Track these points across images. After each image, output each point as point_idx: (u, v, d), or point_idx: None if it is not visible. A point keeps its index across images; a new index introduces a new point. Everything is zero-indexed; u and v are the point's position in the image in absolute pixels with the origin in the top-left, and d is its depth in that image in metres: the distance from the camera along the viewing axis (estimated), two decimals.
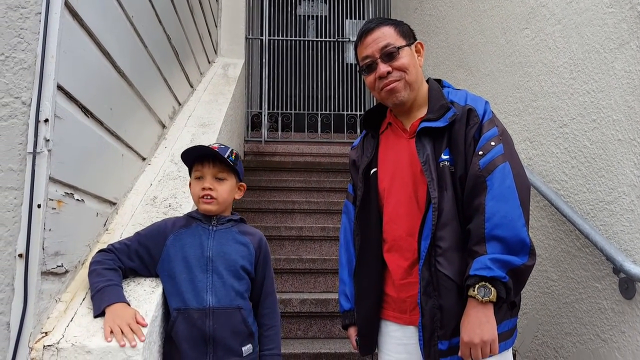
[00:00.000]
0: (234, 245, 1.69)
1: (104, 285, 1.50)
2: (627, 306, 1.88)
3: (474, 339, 1.37)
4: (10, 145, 1.39)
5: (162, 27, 2.64)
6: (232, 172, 1.72)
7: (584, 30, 2.20)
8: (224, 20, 5.10)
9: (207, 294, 1.60)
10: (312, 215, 4.19)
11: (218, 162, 1.68)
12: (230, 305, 1.61)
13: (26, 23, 1.42)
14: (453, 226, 1.49)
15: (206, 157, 1.68)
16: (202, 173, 1.69)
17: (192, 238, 1.67)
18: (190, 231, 1.68)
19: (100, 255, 1.61)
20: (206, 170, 1.68)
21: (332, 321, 3.01)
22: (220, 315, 1.59)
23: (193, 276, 1.61)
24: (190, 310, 1.58)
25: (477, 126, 1.53)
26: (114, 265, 1.58)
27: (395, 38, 1.61)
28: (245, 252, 1.70)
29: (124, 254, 1.64)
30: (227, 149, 1.70)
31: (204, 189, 1.67)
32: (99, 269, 1.55)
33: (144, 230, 1.72)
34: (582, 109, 2.19)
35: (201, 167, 1.69)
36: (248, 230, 1.76)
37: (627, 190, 1.90)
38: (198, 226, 1.69)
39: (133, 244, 1.66)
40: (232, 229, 1.73)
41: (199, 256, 1.64)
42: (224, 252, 1.66)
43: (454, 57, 3.74)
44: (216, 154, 1.66)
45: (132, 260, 1.65)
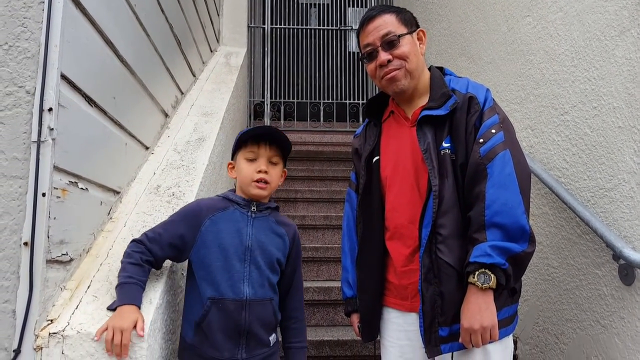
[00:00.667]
0: (271, 235, 1.65)
1: (122, 282, 1.47)
2: (626, 292, 1.90)
3: (474, 325, 1.39)
4: (15, 134, 1.40)
5: (164, 16, 2.64)
6: (282, 158, 1.68)
7: (585, 17, 2.19)
8: (226, 8, 5.08)
9: (243, 285, 1.55)
10: (315, 204, 4.21)
11: (274, 145, 1.63)
12: (264, 297, 1.59)
13: (29, 12, 1.43)
14: (454, 214, 1.50)
15: (262, 138, 1.62)
16: (256, 155, 1.62)
17: (230, 224, 1.60)
18: (227, 216, 1.61)
19: (131, 246, 1.56)
20: (262, 151, 1.61)
21: (334, 309, 3.04)
22: (256, 307, 1.56)
23: (230, 265, 1.56)
24: (225, 301, 1.53)
25: (478, 114, 1.53)
26: (139, 260, 1.52)
27: (396, 26, 1.61)
28: (281, 244, 1.66)
29: (156, 243, 1.56)
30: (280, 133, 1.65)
31: (260, 171, 1.60)
32: (124, 263, 1.52)
33: (177, 214, 1.64)
34: (583, 97, 2.20)
35: (257, 148, 1.61)
36: (284, 221, 1.72)
37: (627, 178, 1.91)
38: (236, 211, 1.63)
39: (166, 232, 1.58)
40: (270, 217, 1.67)
41: (237, 244, 1.58)
42: (262, 242, 1.61)
43: (457, 44, 3.73)
44: (278, 135, 1.61)
45: (164, 250, 1.57)
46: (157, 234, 1.58)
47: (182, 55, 3.09)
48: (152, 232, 1.59)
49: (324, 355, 2.64)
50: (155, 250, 1.56)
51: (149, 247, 1.56)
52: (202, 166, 2.36)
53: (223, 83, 3.77)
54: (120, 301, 1.44)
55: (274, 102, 6.02)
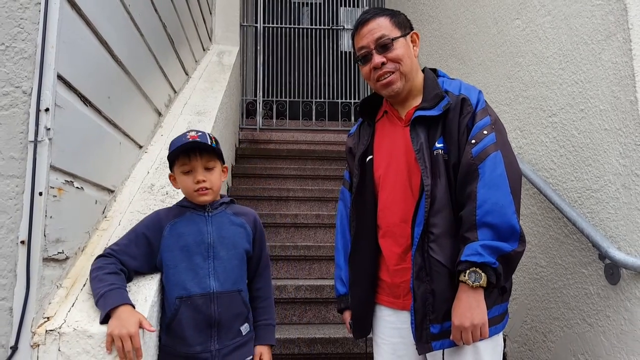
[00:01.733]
0: (232, 228, 1.71)
1: (106, 290, 1.46)
2: (612, 291, 1.94)
3: (465, 323, 1.41)
4: (12, 134, 1.42)
5: (157, 15, 2.66)
6: (217, 158, 1.70)
7: (573, 21, 2.23)
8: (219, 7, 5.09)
9: (209, 279, 1.61)
10: (307, 202, 4.23)
11: (205, 153, 1.65)
12: (232, 289, 1.64)
13: (26, 13, 1.45)
14: (446, 213, 1.52)
15: (192, 150, 1.64)
16: (190, 167, 1.65)
17: (190, 226, 1.66)
18: (185, 220, 1.67)
19: (100, 260, 1.56)
20: (195, 162, 1.64)
21: (326, 307, 3.06)
22: (224, 299, 1.61)
23: (194, 264, 1.61)
24: (193, 297, 1.58)
25: (470, 115, 1.55)
26: (115, 269, 1.54)
27: (390, 29, 1.63)
28: (243, 233, 1.72)
29: (125, 254, 1.59)
30: (206, 136, 1.66)
31: (199, 181, 1.64)
32: (100, 275, 1.51)
33: (139, 224, 1.68)
34: (570, 99, 2.24)
35: (188, 160, 1.64)
36: (241, 211, 1.78)
37: (613, 179, 1.95)
38: (193, 214, 1.68)
39: (132, 241, 1.62)
40: (226, 211, 1.74)
41: (199, 243, 1.64)
42: (223, 236, 1.67)
43: (447, 46, 3.76)
44: (204, 145, 1.63)
45: (135, 259, 1.60)
46: (123, 245, 1.61)
47: (175, 54, 3.10)
48: (116, 245, 1.62)
49: (315, 353, 2.66)
50: (126, 260, 1.59)
51: (120, 259, 1.58)
52: None
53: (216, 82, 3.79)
54: (113, 303, 1.42)
55: (266, 101, 6.03)
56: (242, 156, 5.00)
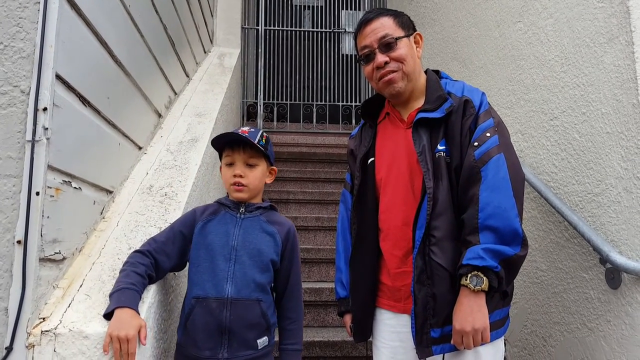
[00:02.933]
0: (260, 234, 1.65)
1: (124, 287, 1.45)
2: (612, 296, 1.93)
3: (466, 327, 1.39)
4: (9, 133, 1.41)
5: (158, 17, 2.65)
6: (263, 157, 1.69)
7: (575, 24, 2.23)
8: (220, 9, 5.09)
9: (226, 284, 1.57)
10: (307, 205, 4.23)
11: (249, 148, 1.64)
12: (249, 297, 1.58)
13: (25, 12, 1.44)
14: (447, 216, 1.50)
15: (237, 143, 1.65)
16: (232, 159, 1.66)
17: (219, 226, 1.64)
18: (218, 219, 1.66)
19: (135, 256, 1.56)
20: (237, 156, 1.65)
21: (325, 310, 3.06)
22: (238, 307, 1.56)
23: (215, 265, 1.58)
24: (208, 299, 1.56)
25: (473, 117, 1.54)
26: (144, 272, 1.52)
27: (393, 29, 1.62)
28: (271, 243, 1.66)
29: (162, 253, 1.59)
30: (257, 133, 1.67)
31: (235, 175, 1.64)
32: (128, 270, 1.50)
33: (177, 220, 1.70)
34: (572, 102, 2.23)
35: (232, 152, 1.66)
36: (277, 220, 1.72)
37: (615, 183, 1.94)
38: (227, 214, 1.67)
39: (170, 238, 1.63)
40: (260, 217, 1.69)
41: (224, 244, 1.61)
42: (249, 241, 1.63)
43: (449, 49, 3.76)
44: (246, 139, 1.62)
45: (170, 258, 1.60)
46: (162, 243, 1.62)
47: (175, 55, 3.09)
48: (154, 241, 1.62)
49: (314, 356, 2.65)
50: (162, 261, 1.59)
51: (156, 259, 1.58)
52: (195, 167, 2.37)
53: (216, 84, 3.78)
54: (122, 303, 1.41)
55: (267, 104, 6.03)
56: None
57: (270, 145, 1.72)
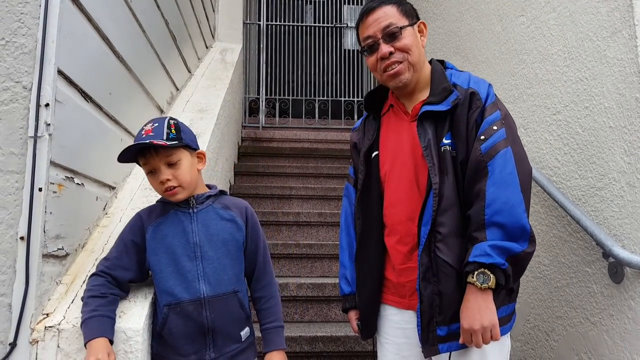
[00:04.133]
0: (220, 223, 1.57)
1: (87, 317, 1.38)
2: (615, 290, 1.92)
3: (474, 325, 1.36)
4: (12, 129, 1.41)
5: (160, 12, 2.65)
6: (182, 148, 1.52)
7: (578, 18, 2.22)
8: (222, 4, 5.08)
9: (199, 283, 1.49)
10: (309, 201, 4.23)
11: (162, 149, 1.47)
12: (226, 291, 1.52)
13: (26, 8, 1.44)
14: (454, 212, 1.47)
15: (146, 150, 1.48)
16: (151, 166, 1.49)
17: (173, 226, 1.53)
18: (169, 219, 1.54)
19: (91, 281, 1.47)
20: (153, 162, 1.49)
21: (328, 305, 3.06)
22: (217, 303, 1.50)
23: (180, 267, 1.49)
24: (182, 304, 1.47)
25: (479, 110, 1.50)
26: (100, 292, 1.43)
27: (397, 18, 1.56)
28: (234, 228, 1.58)
29: (118, 268, 1.49)
30: (162, 126, 1.49)
31: (162, 182, 1.49)
32: (86, 298, 1.43)
33: (124, 231, 1.56)
34: (575, 97, 2.22)
35: (146, 160, 1.49)
36: (231, 203, 1.63)
37: (617, 177, 1.93)
38: (177, 212, 1.55)
39: (122, 251, 1.51)
40: (214, 205, 1.60)
41: (185, 244, 1.51)
42: (210, 234, 1.54)
43: (451, 43, 3.74)
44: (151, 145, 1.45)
45: (128, 270, 1.50)
46: (114, 258, 1.50)
47: (177, 51, 3.09)
48: (106, 260, 1.51)
49: (317, 351, 2.66)
50: (120, 274, 1.49)
51: (112, 274, 1.48)
52: None
53: (218, 79, 3.78)
54: (90, 335, 1.34)
55: (269, 99, 6.02)
56: (244, 154, 4.99)
57: (184, 132, 1.55)
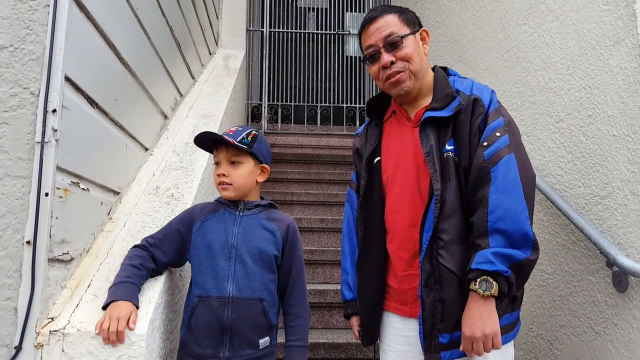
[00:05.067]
0: (260, 231, 1.65)
1: (120, 281, 1.50)
2: (619, 299, 1.92)
3: (476, 333, 1.36)
4: (19, 134, 1.42)
5: (165, 19, 2.66)
6: (248, 155, 1.67)
7: (581, 27, 2.23)
8: (225, 11, 5.10)
9: (227, 283, 1.58)
10: (311, 206, 4.23)
11: (230, 146, 1.65)
12: (252, 296, 1.58)
13: (35, 15, 1.45)
14: (456, 218, 1.47)
15: (220, 142, 1.66)
16: (218, 158, 1.68)
17: (218, 224, 1.65)
18: (216, 217, 1.67)
19: (133, 250, 1.61)
20: (220, 155, 1.67)
21: (330, 311, 3.06)
22: (240, 306, 1.56)
23: (215, 264, 1.59)
24: (210, 298, 1.57)
25: (482, 116, 1.50)
26: (139, 263, 1.57)
27: (399, 27, 1.58)
28: (272, 239, 1.65)
29: (158, 248, 1.63)
30: (243, 131, 1.68)
31: (219, 174, 1.66)
32: (125, 264, 1.56)
33: (176, 218, 1.71)
34: (578, 105, 2.23)
35: (217, 152, 1.68)
36: (276, 217, 1.71)
37: (621, 185, 1.94)
38: (225, 212, 1.68)
39: (167, 236, 1.66)
40: (260, 214, 1.69)
41: (223, 243, 1.61)
42: (249, 239, 1.63)
43: (454, 51, 3.76)
44: (221, 138, 1.63)
45: (166, 254, 1.64)
46: (158, 240, 1.65)
47: (181, 57, 3.11)
48: (152, 238, 1.66)
49: (318, 358, 2.65)
50: (158, 255, 1.63)
51: (152, 252, 1.62)
52: (201, 168, 2.38)
53: (221, 85, 3.79)
54: (117, 297, 1.45)
55: (271, 105, 6.03)
56: None
57: (258, 144, 1.70)
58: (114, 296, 1.46)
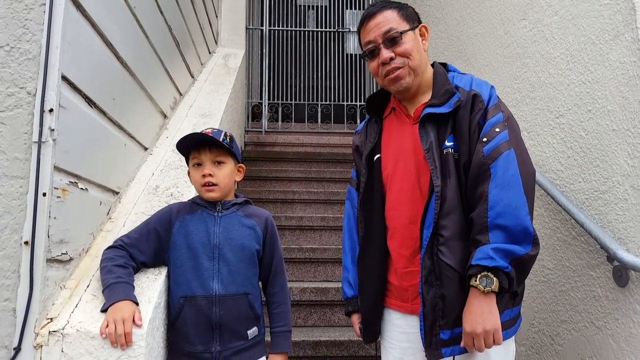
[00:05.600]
0: (241, 229, 1.69)
1: (113, 282, 1.49)
2: (620, 294, 1.92)
3: (477, 329, 1.35)
4: (16, 134, 1.41)
5: (163, 17, 2.66)
6: (230, 155, 1.71)
7: (580, 21, 2.22)
8: (225, 10, 5.10)
9: (213, 282, 1.61)
10: (312, 205, 4.23)
11: (215, 147, 1.67)
12: (237, 292, 1.63)
13: (31, 14, 1.45)
14: (456, 214, 1.47)
15: (202, 144, 1.67)
16: (199, 160, 1.67)
17: (198, 225, 1.66)
18: (195, 218, 1.68)
19: (111, 251, 1.60)
20: (203, 156, 1.67)
21: (331, 309, 3.06)
22: (227, 302, 1.61)
23: (199, 264, 1.62)
24: (196, 298, 1.60)
25: (482, 112, 1.50)
26: (123, 262, 1.57)
27: (398, 22, 1.57)
28: (252, 235, 1.70)
29: (134, 247, 1.62)
30: (220, 133, 1.69)
31: (204, 175, 1.65)
32: (109, 266, 1.54)
33: (152, 217, 1.70)
34: (578, 100, 2.22)
35: (198, 154, 1.67)
36: (253, 212, 1.76)
37: (621, 180, 1.93)
38: (203, 212, 1.69)
39: (143, 235, 1.65)
40: (238, 212, 1.72)
41: (205, 243, 1.64)
42: (230, 237, 1.66)
43: (453, 47, 3.75)
44: (211, 139, 1.65)
45: (143, 253, 1.63)
46: (134, 239, 1.64)
47: (180, 56, 3.10)
48: (127, 237, 1.64)
49: (320, 356, 2.65)
50: (135, 254, 1.62)
51: (129, 252, 1.61)
52: None
53: (221, 84, 3.79)
54: (116, 298, 1.45)
55: (271, 104, 6.03)
56: (247, 159, 4.99)
57: (235, 144, 1.74)
58: (112, 298, 1.45)
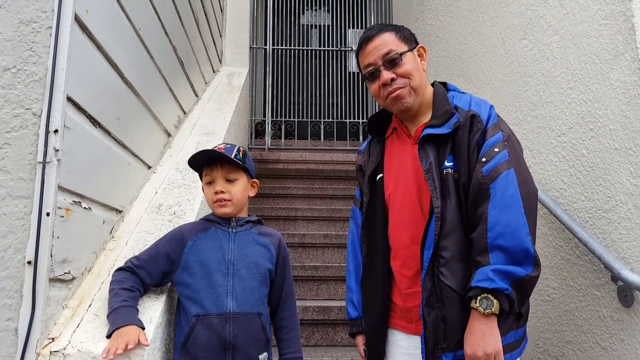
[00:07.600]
0: (255, 247, 1.68)
1: (119, 306, 1.47)
2: (625, 314, 1.90)
3: (477, 352, 1.34)
4: (21, 155, 1.43)
5: (168, 38, 2.69)
6: (242, 171, 1.71)
7: (581, 41, 2.23)
8: (229, 30, 5.16)
9: (227, 299, 1.57)
10: (315, 222, 4.22)
11: (226, 164, 1.67)
12: (251, 311, 1.59)
13: (37, 37, 1.47)
14: (456, 235, 1.46)
15: (214, 160, 1.67)
16: (212, 177, 1.67)
17: (212, 242, 1.64)
18: (209, 235, 1.66)
19: (119, 274, 1.58)
20: (215, 173, 1.67)
21: (334, 329, 3.03)
22: (241, 321, 1.56)
23: (212, 281, 1.58)
24: (209, 316, 1.55)
25: (480, 132, 1.50)
26: (130, 286, 1.55)
27: (396, 44, 1.59)
28: (267, 254, 1.69)
29: (143, 270, 1.60)
30: (233, 148, 1.69)
31: (217, 192, 1.65)
32: (116, 289, 1.53)
33: (162, 240, 1.68)
34: (579, 119, 2.22)
35: (210, 170, 1.67)
36: (267, 232, 1.75)
37: (624, 199, 1.93)
38: (217, 229, 1.68)
39: (152, 257, 1.62)
40: (252, 230, 1.71)
41: (220, 260, 1.61)
42: (245, 254, 1.64)
43: (455, 66, 3.77)
44: (222, 155, 1.64)
45: (151, 276, 1.60)
46: (144, 261, 1.62)
47: (185, 76, 3.13)
48: (136, 259, 1.62)
49: None
50: (144, 276, 1.60)
51: (138, 274, 1.59)
52: None
53: (225, 103, 3.82)
54: (120, 323, 1.43)
55: (275, 121, 6.06)
56: None
57: (248, 159, 1.74)
58: (117, 323, 1.43)
